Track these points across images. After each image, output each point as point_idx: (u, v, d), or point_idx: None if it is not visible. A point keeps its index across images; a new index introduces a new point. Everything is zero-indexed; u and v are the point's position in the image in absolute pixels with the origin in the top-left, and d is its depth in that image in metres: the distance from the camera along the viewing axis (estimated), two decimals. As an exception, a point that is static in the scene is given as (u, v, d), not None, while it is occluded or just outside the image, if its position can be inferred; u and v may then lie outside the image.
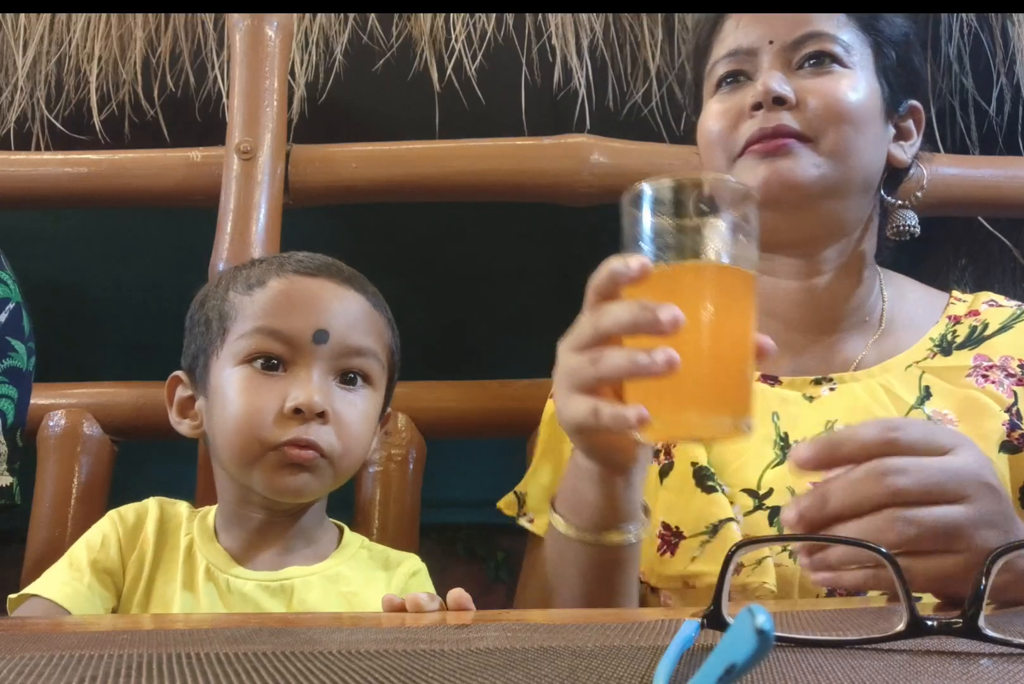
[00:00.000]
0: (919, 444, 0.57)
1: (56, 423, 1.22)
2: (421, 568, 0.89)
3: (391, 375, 0.91)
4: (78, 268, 2.39)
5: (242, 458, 0.81)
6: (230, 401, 0.81)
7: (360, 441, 0.84)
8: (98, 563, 0.83)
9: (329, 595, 0.82)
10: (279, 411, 0.79)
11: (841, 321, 0.89)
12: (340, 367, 0.83)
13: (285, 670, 0.36)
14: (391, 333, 0.91)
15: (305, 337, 0.81)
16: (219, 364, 0.83)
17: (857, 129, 0.82)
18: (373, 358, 0.86)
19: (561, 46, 1.46)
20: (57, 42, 1.53)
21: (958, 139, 1.55)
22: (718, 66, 0.87)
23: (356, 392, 0.84)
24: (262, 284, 0.84)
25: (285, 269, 0.85)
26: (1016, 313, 0.90)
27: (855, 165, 0.82)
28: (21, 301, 1.03)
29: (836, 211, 0.84)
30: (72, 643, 0.45)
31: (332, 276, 0.86)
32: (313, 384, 0.80)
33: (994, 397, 0.83)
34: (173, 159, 1.32)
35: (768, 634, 0.24)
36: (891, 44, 0.86)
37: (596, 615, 0.63)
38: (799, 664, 0.37)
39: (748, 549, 0.48)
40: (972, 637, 0.40)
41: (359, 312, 0.86)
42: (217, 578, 0.81)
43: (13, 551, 1.19)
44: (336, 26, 1.51)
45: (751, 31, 0.85)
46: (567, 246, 2.27)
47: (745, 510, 0.80)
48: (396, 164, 1.32)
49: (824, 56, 0.83)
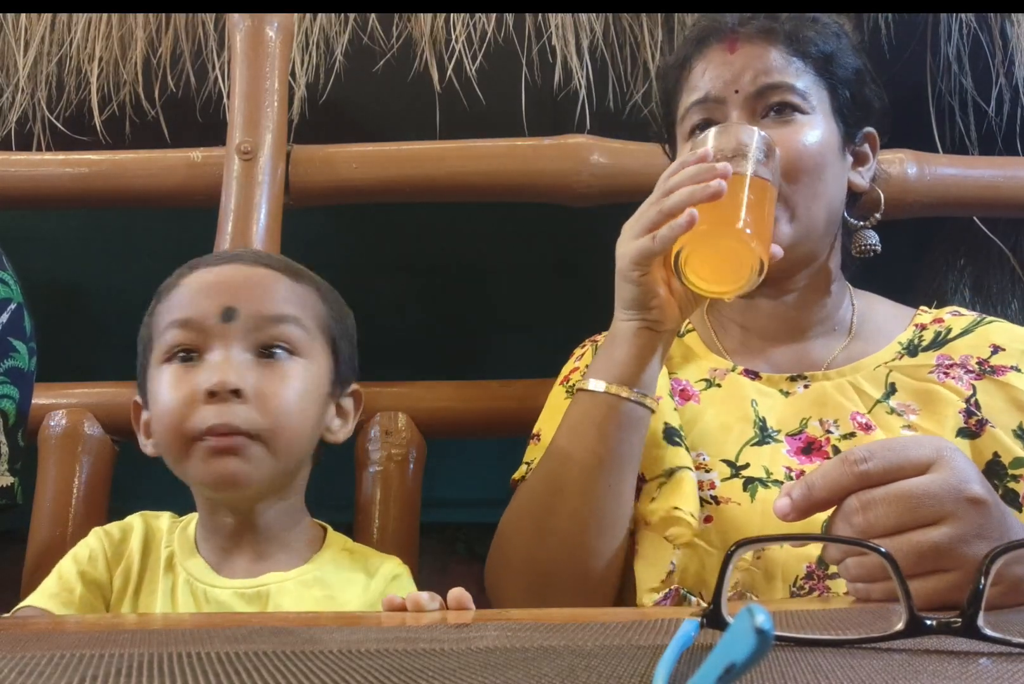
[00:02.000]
0: (891, 469, 0.57)
1: (57, 423, 1.22)
2: (402, 572, 0.86)
3: (334, 344, 0.86)
4: (78, 268, 2.39)
5: (174, 455, 0.79)
6: (156, 401, 0.80)
7: (294, 415, 0.79)
8: (87, 575, 0.82)
9: (304, 600, 0.79)
10: (196, 398, 0.76)
11: (809, 330, 0.97)
12: (258, 341, 0.79)
13: (285, 670, 0.36)
14: (321, 300, 0.86)
15: (212, 319, 0.78)
16: (152, 372, 0.82)
17: (821, 177, 0.89)
18: (294, 324, 0.81)
19: (561, 46, 1.46)
20: (58, 42, 1.53)
21: (957, 139, 1.55)
22: (690, 113, 0.93)
23: (280, 363, 0.80)
24: (177, 285, 0.83)
25: (197, 266, 0.84)
26: (977, 320, 0.97)
27: (822, 214, 0.90)
28: (22, 301, 1.03)
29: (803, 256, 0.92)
30: (72, 643, 0.45)
31: (243, 260, 0.84)
32: (226, 363, 0.77)
33: (953, 390, 0.89)
34: (174, 159, 1.32)
35: (767, 633, 0.24)
36: (844, 84, 0.93)
37: (596, 615, 0.63)
38: (798, 663, 0.37)
39: (747, 549, 0.48)
40: (971, 636, 0.40)
41: (273, 284, 0.83)
42: (196, 589, 0.80)
43: (14, 551, 1.19)
44: (336, 26, 1.51)
45: (717, 80, 0.91)
46: (567, 246, 2.27)
47: (723, 477, 0.86)
48: (396, 164, 1.32)
49: (785, 106, 0.90)
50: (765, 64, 0.90)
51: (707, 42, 0.93)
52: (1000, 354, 0.91)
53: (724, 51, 0.92)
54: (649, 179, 1.03)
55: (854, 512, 0.57)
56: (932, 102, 1.50)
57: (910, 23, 1.50)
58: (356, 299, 0.94)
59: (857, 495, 0.57)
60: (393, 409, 1.24)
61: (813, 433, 0.89)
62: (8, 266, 1.04)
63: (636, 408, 0.82)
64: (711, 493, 0.85)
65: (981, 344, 0.93)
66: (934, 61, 1.52)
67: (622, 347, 0.82)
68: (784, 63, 0.90)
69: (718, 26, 0.93)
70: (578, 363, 1.02)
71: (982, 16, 1.50)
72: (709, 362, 0.97)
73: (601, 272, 0.87)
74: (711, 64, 0.92)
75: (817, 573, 0.79)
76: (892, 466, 0.57)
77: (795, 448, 0.88)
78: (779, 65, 0.90)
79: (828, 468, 0.58)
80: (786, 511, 0.58)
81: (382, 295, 2.37)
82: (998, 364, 0.91)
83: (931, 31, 1.51)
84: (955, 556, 0.55)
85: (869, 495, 0.56)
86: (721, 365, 0.96)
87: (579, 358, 1.03)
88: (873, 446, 0.59)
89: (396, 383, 1.29)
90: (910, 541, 0.55)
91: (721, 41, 0.92)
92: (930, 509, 0.55)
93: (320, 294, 0.87)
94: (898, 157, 1.30)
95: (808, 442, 0.88)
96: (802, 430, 0.89)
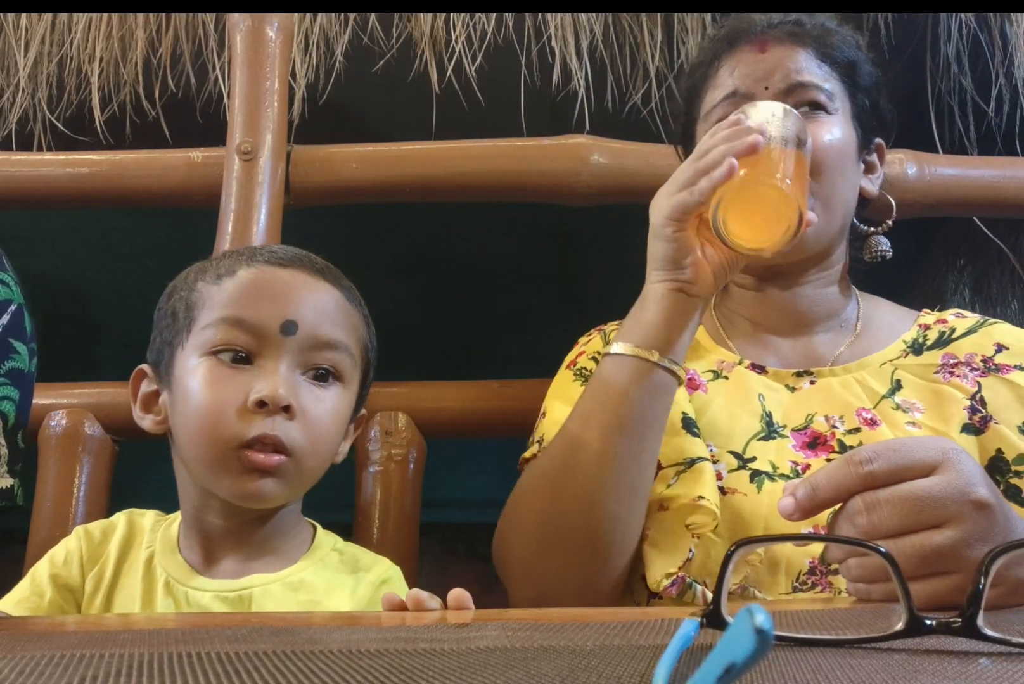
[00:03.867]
0: (896, 470, 0.57)
1: (57, 423, 1.22)
2: (392, 576, 0.84)
3: (365, 373, 0.86)
4: (78, 268, 2.38)
5: (205, 457, 0.77)
6: (193, 394, 0.77)
7: (328, 441, 0.80)
8: (59, 578, 0.81)
9: (288, 604, 0.78)
10: (243, 405, 0.75)
11: (816, 325, 0.98)
12: (309, 361, 0.79)
13: (285, 670, 0.36)
14: (366, 328, 0.86)
15: (272, 328, 0.77)
16: (184, 355, 0.79)
17: (843, 175, 0.93)
18: (345, 352, 0.81)
19: (561, 47, 1.46)
20: (58, 43, 1.53)
21: (957, 139, 1.55)
22: (717, 109, 0.95)
23: (326, 388, 0.80)
24: (232, 273, 0.81)
25: (256, 259, 0.82)
26: (980, 321, 0.99)
27: (840, 212, 0.93)
28: (23, 302, 1.03)
29: (821, 250, 0.95)
30: (72, 642, 0.45)
31: (304, 267, 0.82)
32: (279, 376, 0.76)
33: (958, 388, 0.90)
34: (174, 159, 1.32)
35: (767, 633, 0.24)
36: (864, 92, 0.97)
37: (596, 615, 0.63)
38: (798, 663, 0.37)
39: (748, 548, 0.48)
40: (971, 636, 0.40)
41: (331, 304, 0.82)
42: (176, 591, 0.78)
43: (14, 551, 1.19)
44: (336, 27, 1.51)
45: (747, 78, 0.94)
46: (567, 246, 2.27)
47: (730, 468, 0.86)
48: (396, 164, 1.32)
49: (813, 105, 0.93)
50: (796, 64, 0.93)
51: (736, 42, 0.96)
52: (1005, 352, 0.92)
53: (754, 51, 0.94)
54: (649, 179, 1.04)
55: (858, 513, 0.57)
56: (932, 102, 1.50)
57: (910, 23, 1.50)
58: (356, 299, 0.93)
59: (861, 496, 0.57)
60: (393, 409, 1.24)
61: (818, 428, 0.89)
62: (8, 267, 1.04)
63: (664, 374, 0.80)
64: (719, 484, 0.85)
65: (986, 343, 0.94)
66: (934, 61, 1.52)
67: (652, 310, 0.81)
68: (813, 65, 0.94)
69: (748, 27, 0.96)
70: (584, 348, 1.02)
71: (982, 16, 1.49)
72: (716, 355, 0.98)
73: (601, 272, 0.87)
74: (741, 63, 0.94)
75: (820, 569, 0.79)
76: (897, 467, 0.57)
77: (800, 443, 0.88)
78: (809, 66, 0.93)
79: (833, 468, 0.58)
80: (790, 511, 0.58)
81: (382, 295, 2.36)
82: (1003, 363, 0.91)
83: (931, 31, 1.51)
84: (957, 559, 0.55)
85: (873, 496, 0.56)
86: (728, 358, 0.97)
87: (585, 344, 1.03)
88: (878, 447, 0.58)
89: (396, 383, 1.29)
90: (913, 543, 0.55)
91: (751, 42, 0.95)
92: (934, 512, 0.55)
93: (366, 321, 0.87)
94: (898, 157, 1.30)
95: (813, 437, 0.89)
96: (807, 425, 0.90)
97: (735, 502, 0.83)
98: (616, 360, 0.81)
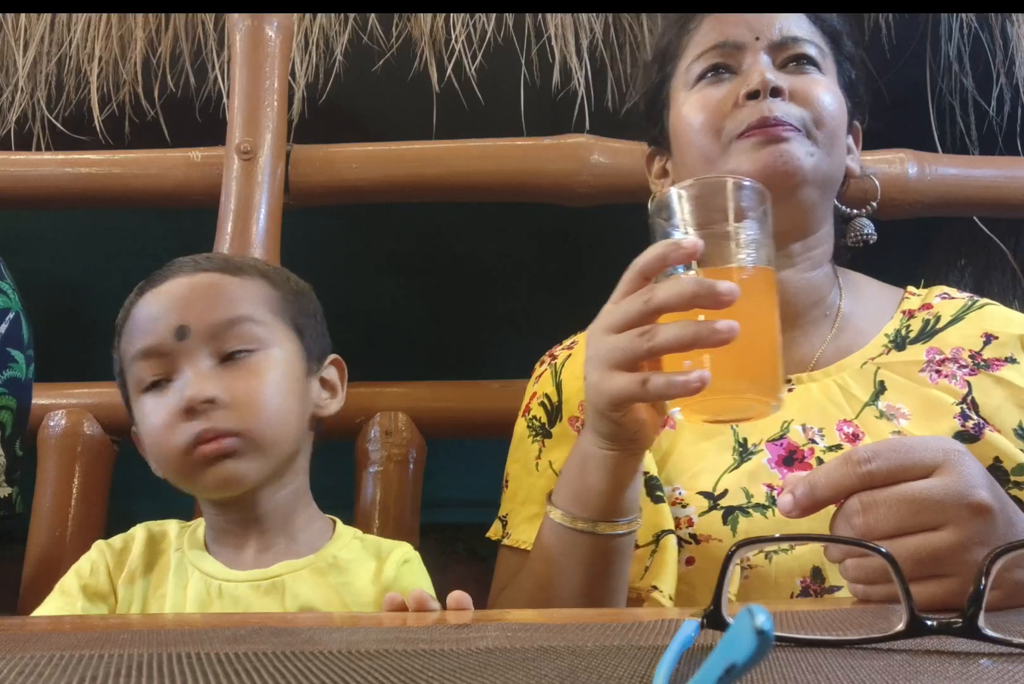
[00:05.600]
0: (895, 470, 0.56)
1: (56, 423, 1.22)
2: (413, 556, 0.87)
3: (298, 325, 0.87)
4: (78, 268, 2.38)
5: (173, 473, 0.82)
6: (146, 433, 0.83)
7: (273, 407, 0.81)
8: (88, 588, 0.83)
9: (320, 587, 0.81)
10: (178, 419, 0.79)
11: (802, 316, 0.92)
12: (220, 348, 0.81)
13: (285, 670, 0.36)
14: (274, 290, 0.87)
15: (168, 341, 0.81)
16: (134, 405, 0.85)
17: (839, 126, 0.88)
18: (248, 322, 0.82)
19: (560, 47, 1.46)
20: (58, 42, 1.53)
21: (958, 139, 1.55)
22: (700, 60, 0.90)
23: (245, 362, 0.81)
24: (129, 316, 0.85)
25: (143, 290, 0.85)
26: (968, 304, 0.93)
27: (837, 160, 0.89)
28: (21, 309, 1.03)
29: (812, 203, 0.88)
30: (72, 643, 0.45)
31: (183, 271, 0.85)
32: (190, 379, 0.79)
33: (948, 391, 0.86)
34: (173, 159, 1.32)
35: (768, 634, 0.24)
36: (851, 62, 0.94)
37: (596, 615, 0.63)
38: (799, 664, 0.37)
39: (748, 549, 0.48)
40: (972, 637, 0.40)
41: (216, 289, 0.84)
42: (210, 586, 0.81)
43: (13, 551, 1.19)
44: (336, 26, 1.51)
45: (736, 27, 0.89)
46: (567, 246, 2.27)
47: (700, 511, 0.82)
48: (396, 164, 1.32)
49: (805, 59, 0.89)
50: (787, 20, 0.90)
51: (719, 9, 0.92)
52: (993, 344, 0.88)
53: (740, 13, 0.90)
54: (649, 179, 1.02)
55: (855, 513, 0.56)
56: (932, 102, 1.50)
57: (910, 23, 1.50)
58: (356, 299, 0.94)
59: (859, 496, 0.56)
60: (393, 409, 1.24)
61: (795, 439, 0.85)
62: (7, 275, 1.04)
63: (626, 537, 0.74)
64: (690, 531, 0.82)
65: (972, 333, 0.89)
66: (934, 61, 1.52)
67: (597, 476, 0.72)
68: (806, 24, 0.91)
69: None
70: (535, 389, 0.98)
71: (982, 16, 1.50)
72: None
73: (601, 272, 0.87)
74: (728, 18, 0.90)
75: (813, 588, 0.78)
76: (897, 467, 0.56)
77: (776, 457, 0.84)
78: (800, 24, 0.90)
79: (832, 467, 0.57)
80: (789, 508, 0.57)
81: (382, 295, 2.37)
82: (992, 357, 0.87)
83: (931, 31, 1.51)
84: (955, 562, 0.54)
85: (871, 497, 0.55)
86: None
87: (537, 380, 1.00)
88: (878, 446, 0.57)
89: (396, 383, 1.29)
90: (909, 545, 0.54)
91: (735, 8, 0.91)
92: (932, 514, 0.54)
93: (267, 280, 0.87)
94: (898, 157, 1.30)
95: (790, 451, 0.85)
96: (783, 434, 0.86)
97: (711, 550, 0.81)
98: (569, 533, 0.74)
